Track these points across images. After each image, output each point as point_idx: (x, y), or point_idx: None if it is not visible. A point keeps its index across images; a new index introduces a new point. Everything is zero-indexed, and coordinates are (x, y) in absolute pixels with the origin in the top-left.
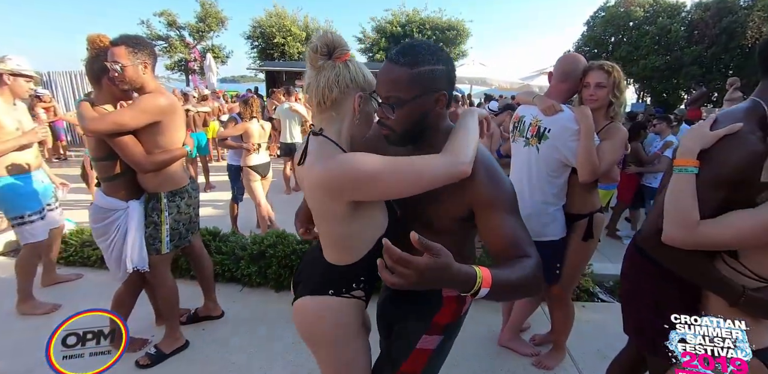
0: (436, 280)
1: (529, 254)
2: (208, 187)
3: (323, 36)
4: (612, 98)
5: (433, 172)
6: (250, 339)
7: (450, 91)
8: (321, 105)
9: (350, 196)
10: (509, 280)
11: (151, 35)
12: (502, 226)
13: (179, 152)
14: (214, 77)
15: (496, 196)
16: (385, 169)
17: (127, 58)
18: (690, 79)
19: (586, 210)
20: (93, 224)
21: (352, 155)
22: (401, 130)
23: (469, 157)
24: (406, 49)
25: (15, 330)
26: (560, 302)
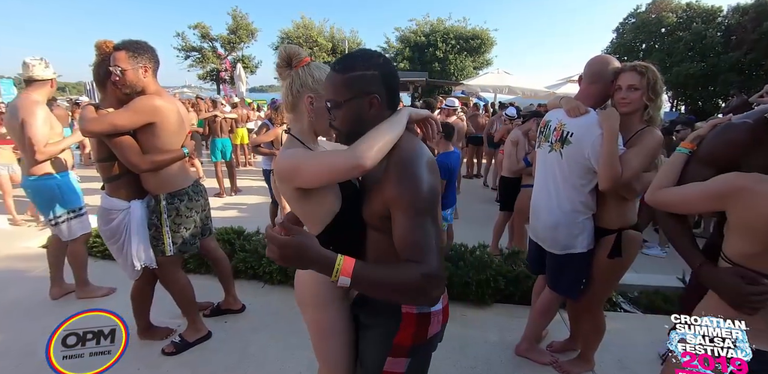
0: (297, 258)
1: (419, 260)
2: (234, 190)
3: (280, 51)
4: (647, 101)
5: (334, 165)
6: (269, 334)
7: (387, 92)
8: (286, 109)
9: (291, 183)
10: (377, 278)
11: (186, 47)
12: (400, 227)
13: (176, 154)
14: (244, 86)
15: (402, 196)
16: (303, 162)
17: (127, 62)
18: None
19: (615, 225)
20: (101, 227)
21: (289, 150)
22: (344, 129)
23: (367, 152)
24: (343, 57)
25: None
26: (589, 315)
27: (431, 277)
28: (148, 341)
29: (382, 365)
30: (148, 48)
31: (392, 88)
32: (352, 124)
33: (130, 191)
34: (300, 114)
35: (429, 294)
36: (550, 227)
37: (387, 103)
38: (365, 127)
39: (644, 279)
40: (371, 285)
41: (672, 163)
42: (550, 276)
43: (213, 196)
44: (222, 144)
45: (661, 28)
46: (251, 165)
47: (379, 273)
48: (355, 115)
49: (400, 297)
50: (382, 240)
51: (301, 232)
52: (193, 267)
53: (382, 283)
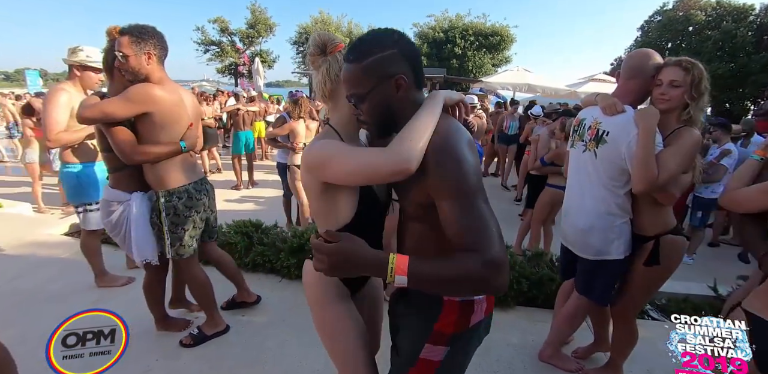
0: (347, 264)
1: (477, 247)
2: (251, 183)
3: (313, 38)
4: (689, 99)
5: (373, 167)
6: (287, 328)
7: (412, 69)
8: (324, 98)
9: (316, 176)
10: (435, 272)
11: (205, 41)
12: (449, 214)
13: (171, 147)
14: (261, 80)
15: (445, 181)
16: (337, 155)
17: (130, 47)
18: (758, 88)
19: (651, 231)
20: (103, 219)
21: (323, 141)
22: (374, 122)
23: (411, 152)
24: (353, 45)
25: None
26: (623, 323)
27: (494, 264)
28: (167, 333)
29: (419, 351)
30: (154, 34)
31: (416, 65)
32: (382, 114)
33: (132, 183)
34: (340, 100)
35: (494, 283)
36: (582, 230)
37: (414, 82)
38: (396, 112)
39: (673, 287)
40: (430, 281)
41: (745, 167)
42: (581, 282)
43: (230, 189)
44: (246, 137)
45: (689, 27)
46: (268, 158)
47: (437, 267)
48: (383, 103)
49: (462, 290)
50: (423, 231)
51: (346, 237)
52: None
53: (441, 278)
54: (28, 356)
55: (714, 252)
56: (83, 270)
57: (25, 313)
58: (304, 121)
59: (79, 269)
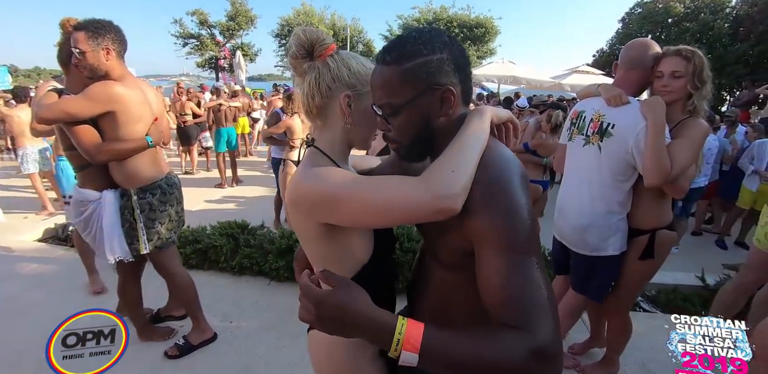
0: (338, 321)
1: (523, 326)
2: (235, 181)
3: (297, 36)
4: (692, 89)
5: (407, 205)
6: (277, 334)
7: (462, 83)
8: (309, 114)
9: (316, 217)
10: (461, 355)
11: (184, 33)
12: (493, 272)
13: (137, 143)
14: (243, 74)
15: (494, 229)
16: (348, 190)
17: (86, 43)
18: (734, 78)
19: (648, 225)
20: (74, 219)
21: (321, 170)
22: (407, 141)
23: (457, 187)
24: (393, 44)
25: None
26: (617, 317)
27: (545, 354)
28: (150, 343)
29: None
30: (111, 28)
31: (466, 75)
32: (419, 133)
33: (101, 181)
34: (331, 119)
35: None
36: (580, 228)
37: (463, 96)
38: (435, 132)
39: (662, 278)
40: (450, 366)
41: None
42: (576, 278)
43: (214, 187)
44: (227, 133)
45: (668, 19)
46: (252, 155)
47: (464, 348)
48: (422, 119)
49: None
50: (455, 283)
51: (344, 284)
52: (196, 262)
53: (465, 365)
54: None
55: (697, 241)
56: (59, 279)
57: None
58: (298, 115)
59: (54, 277)
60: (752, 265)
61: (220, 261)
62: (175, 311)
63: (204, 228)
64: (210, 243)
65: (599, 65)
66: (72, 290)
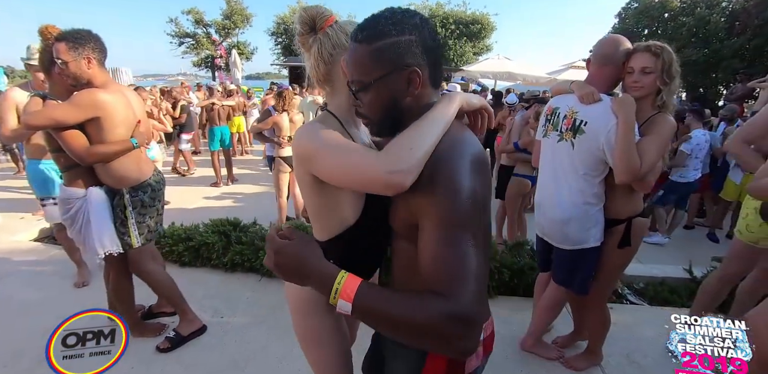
0: (291, 269)
1: (445, 292)
2: (231, 179)
3: (299, 15)
4: (661, 85)
5: (362, 173)
6: (268, 328)
7: (429, 66)
8: (319, 83)
9: (305, 167)
10: (384, 310)
11: (180, 33)
12: (426, 243)
13: (123, 145)
14: (239, 73)
15: (432, 203)
16: (325, 150)
17: (68, 54)
18: (730, 73)
19: (624, 214)
20: (62, 216)
21: (316, 127)
22: (376, 117)
23: (409, 163)
24: (366, 22)
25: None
26: (596, 307)
27: (460, 320)
28: (141, 338)
29: None
30: (90, 37)
31: (435, 58)
32: (386, 110)
33: (87, 179)
34: (337, 84)
35: (453, 344)
36: (559, 222)
37: (430, 79)
38: (402, 111)
39: (650, 270)
40: (375, 319)
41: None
42: (559, 273)
43: (209, 186)
44: (221, 132)
45: (664, 13)
46: (248, 153)
47: (389, 304)
48: (389, 98)
49: (412, 342)
50: (410, 250)
51: (302, 238)
52: (188, 259)
53: (389, 318)
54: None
55: (689, 234)
56: (54, 278)
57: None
58: (287, 113)
59: (49, 276)
60: (735, 256)
61: (212, 258)
62: (166, 307)
63: (197, 225)
64: (202, 241)
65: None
66: (66, 288)
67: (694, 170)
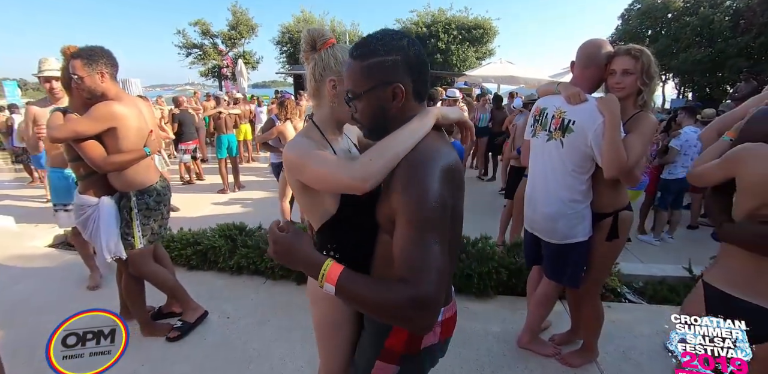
0: (287, 256)
1: (410, 280)
2: (237, 186)
3: (303, 34)
4: (641, 85)
5: (334, 179)
6: (271, 328)
7: (414, 80)
8: (310, 96)
9: (295, 176)
10: (361, 292)
11: (187, 44)
12: (398, 238)
13: (137, 154)
14: (246, 82)
15: (404, 203)
16: (310, 161)
17: (83, 69)
18: (735, 72)
19: (610, 208)
20: (75, 220)
21: (300, 141)
22: (367, 123)
23: (368, 171)
24: (360, 42)
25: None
26: (588, 301)
27: (419, 303)
28: (150, 338)
29: (371, 367)
30: (103, 53)
31: (419, 75)
32: (375, 118)
33: (99, 189)
34: (322, 99)
35: (413, 322)
36: (549, 218)
37: (413, 93)
38: (390, 120)
39: (649, 270)
40: (353, 299)
41: (714, 147)
42: (549, 267)
43: (217, 192)
44: (228, 140)
45: (668, 14)
46: (254, 160)
47: (365, 288)
48: (377, 108)
49: (382, 319)
50: (389, 242)
51: (295, 231)
52: (196, 263)
53: (364, 299)
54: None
55: (693, 234)
56: (68, 281)
57: (10, 325)
58: (291, 122)
59: (63, 280)
60: None
61: (218, 261)
62: (175, 307)
63: (204, 230)
64: (209, 245)
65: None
66: (79, 291)
67: (682, 167)
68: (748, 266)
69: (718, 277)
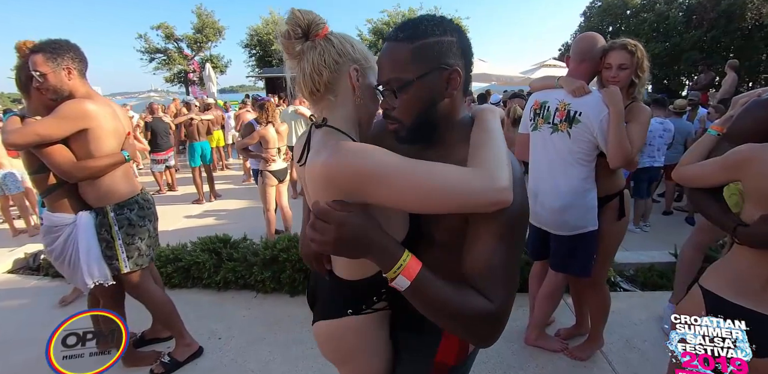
0: (356, 240)
1: (488, 294)
2: (213, 195)
3: (290, 17)
4: (635, 78)
5: (464, 192)
6: (268, 346)
7: (466, 68)
8: (315, 93)
9: (354, 195)
10: (440, 295)
11: (150, 48)
12: (481, 245)
13: (114, 158)
14: (214, 87)
15: (496, 215)
16: (394, 171)
17: (46, 65)
18: (690, 64)
19: (614, 189)
20: (46, 247)
21: (362, 145)
22: (410, 121)
23: (508, 179)
24: (406, 23)
25: None
26: (595, 289)
27: (495, 319)
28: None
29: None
30: (69, 47)
31: (469, 63)
32: (423, 111)
33: (74, 201)
34: (342, 95)
35: (480, 335)
36: (559, 210)
37: (464, 82)
38: (438, 114)
39: (638, 257)
40: (429, 300)
41: (701, 143)
42: (559, 260)
43: (191, 203)
44: (201, 147)
45: (626, 10)
46: (228, 168)
47: (446, 291)
48: (428, 98)
49: (451, 326)
50: (450, 262)
51: (362, 210)
52: (178, 281)
53: (442, 303)
54: None
55: (668, 220)
56: (36, 310)
57: None
58: (273, 125)
59: (31, 310)
60: (704, 228)
61: (203, 277)
62: (160, 332)
63: (184, 245)
64: (192, 260)
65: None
66: (48, 322)
67: (648, 157)
68: (762, 273)
69: (721, 285)
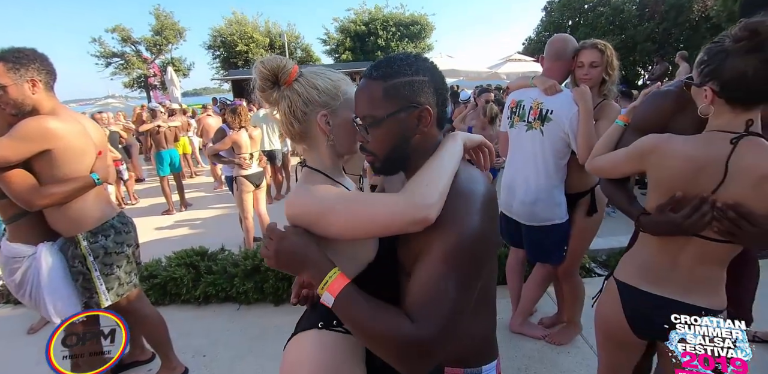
0: (292, 256)
1: (414, 317)
2: (183, 205)
3: (258, 70)
4: (605, 76)
5: (387, 215)
6: (256, 359)
7: (438, 107)
8: (294, 139)
9: (311, 229)
10: (357, 314)
11: (106, 53)
12: (420, 273)
13: (82, 182)
14: (178, 91)
15: (436, 239)
16: (338, 205)
17: (6, 76)
18: (645, 55)
19: (586, 187)
20: (6, 279)
21: (310, 187)
22: (383, 154)
23: (434, 197)
24: (380, 62)
25: None
26: (568, 278)
27: (414, 344)
28: None
29: None
30: (35, 57)
31: (443, 100)
32: (395, 146)
33: (35, 232)
34: (314, 140)
35: (402, 362)
36: (529, 203)
37: (437, 119)
38: (409, 149)
39: (609, 243)
40: (348, 318)
41: (608, 134)
42: (532, 249)
43: (161, 214)
44: (170, 155)
45: (584, 5)
46: (197, 175)
47: (364, 311)
48: (399, 134)
49: (374, 348)
50: None
51: (302, 231)
52: (155, 299)
53: (359, 322)
54: None
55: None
56: None
57: None
58: (245, 130)
59: None
60: None
61: (181, 293)
62: (140, 355)
63: (158, 260)
64: (168, 276)
65: (529, 52)
66: (15, 355)
67: None
68: (664, 260)
69: (631, 275)
